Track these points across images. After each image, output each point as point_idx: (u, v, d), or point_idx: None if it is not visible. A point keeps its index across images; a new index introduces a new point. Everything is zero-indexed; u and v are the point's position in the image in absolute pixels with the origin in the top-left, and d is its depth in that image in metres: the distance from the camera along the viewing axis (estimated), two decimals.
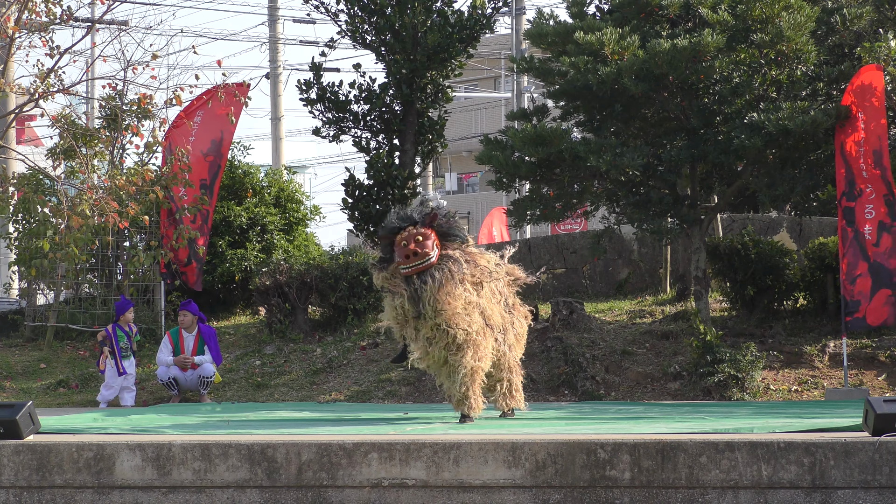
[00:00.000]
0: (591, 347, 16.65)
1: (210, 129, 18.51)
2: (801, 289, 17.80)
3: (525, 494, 9.60)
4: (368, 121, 21.50)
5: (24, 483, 9.97)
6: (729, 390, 15.29)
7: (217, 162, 18.57)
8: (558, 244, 22.03)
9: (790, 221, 20.23)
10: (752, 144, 15.41)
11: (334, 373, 16.98)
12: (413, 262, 11.41)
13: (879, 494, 9.31)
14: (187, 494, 9.87)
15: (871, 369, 16.08)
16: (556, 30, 16.64)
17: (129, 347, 16.09)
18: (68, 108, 17.97)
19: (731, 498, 9.43)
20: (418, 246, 11.41)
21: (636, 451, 9.54)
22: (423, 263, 11.43)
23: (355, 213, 21.26)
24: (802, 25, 15.60)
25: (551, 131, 15.98)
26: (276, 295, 18.29)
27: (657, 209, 16.36)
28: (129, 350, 16.10)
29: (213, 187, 18.50)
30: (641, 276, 21.17)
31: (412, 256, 11.39)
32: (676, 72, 15.58)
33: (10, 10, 15.63)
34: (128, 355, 16.10)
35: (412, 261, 11.41)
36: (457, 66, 21.55)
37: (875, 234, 15.18)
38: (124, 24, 23.75)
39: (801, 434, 10.01)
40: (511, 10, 32.68)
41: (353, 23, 21.32)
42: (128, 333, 16.16)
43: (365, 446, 9.77)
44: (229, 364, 17.51)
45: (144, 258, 18.49)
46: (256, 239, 20.01)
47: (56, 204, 15.75)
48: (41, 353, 18.84)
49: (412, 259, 11.40)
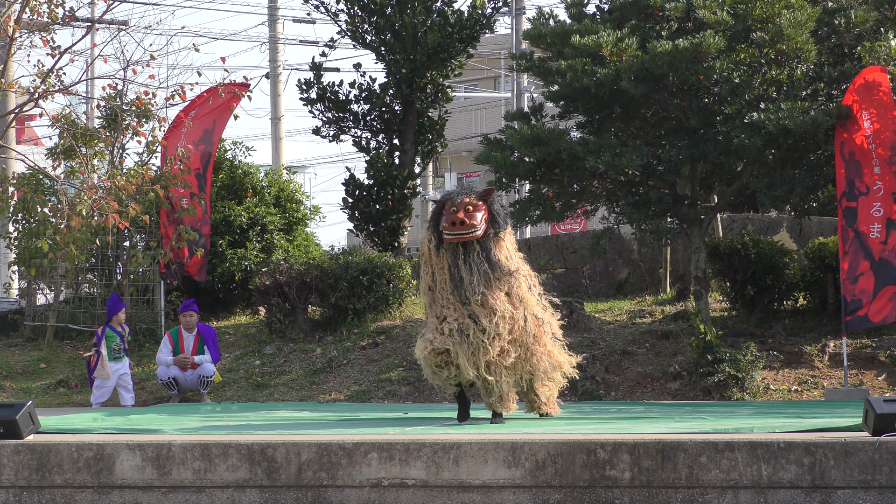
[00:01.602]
0: (591, 347, 16.65)
1: (203, 120, 18.51)
2: (801, 289, 17.80)
3: (525, 494, 9.60)
4: (368, 121, 21.51)
5: (24, 483, 9.97)
6: (729, 390, 15.28)
7: (208, 150, 18.57)
8: (558, 244, 22.03)
9: (790, 221, 20.23)
10: (752, 144, 15.40)
11: (334, 373, 16.98)
12: (459, 230, 11.41)
13: (879, 494, 9.31)
14: (187, 494, 9.88)
15: (871, 369, 16.08)
16: (554, 30, 16.63)
17: (122, 348, 16.05)
18: (68, 108, 17.96)
19: (731, 498, 9.43)
20: (467, 216, 11.40)
21: (636, 450, 9.54)
22: (469, 234, 11.43)
23: (355, 212, 21.27)
24: (803, 24, 15.60)
25: (549, 132, 15.97)
26: (276, 295, 18.28)
27: (657, 209, 16.35)
28: (121, 351, 16.06)
29: (206, 175, 18.52)
30: (641, 275, 21.18)
31: (458, 225, 11.39)
32: (677, 72, 15.57)
33: (10, 10, 15.62)
34: (121, 356, 16.05)
35: (457, 228, 11.41)
36: (457, 66, 21.57)
37: (883, 232, 15.07)
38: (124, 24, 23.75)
39: (801, 434, 10.02)
40: (511, 10, 32.65)
41: (353, 23, 21.34)
42: (120, 334, 16.13)
43: (365, 446, 9.77)
44: (229, 364, 17.51)
45: (143, 258, 18.49)
46: (256, 239, 20.01)
47: (56, 204, 15.75)
48: (41, 352, 18.85)
49: (458, 227, 11.40)
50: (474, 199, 11.54)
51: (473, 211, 11.47)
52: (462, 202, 11.50)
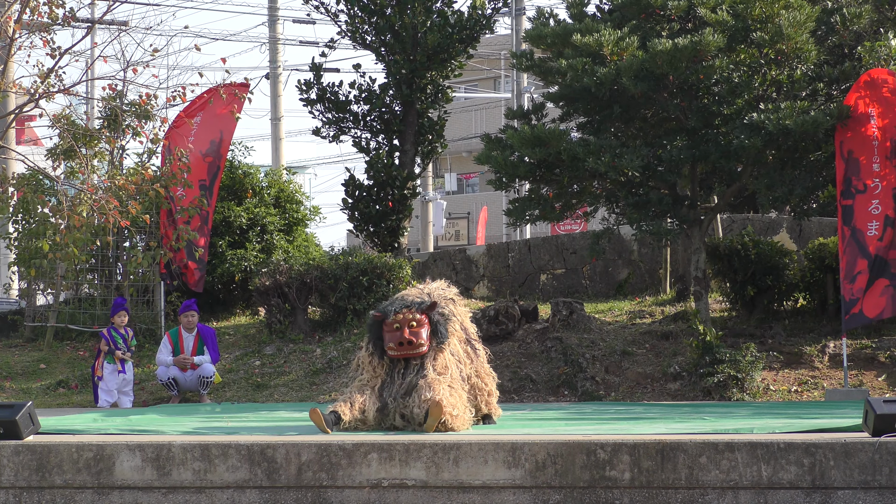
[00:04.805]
0: (591, 348, 16.65)
1: (209, 129, 18.48)
2: (801, 289, 17.81)
3: (525, 495, 9.60)
4: (368, 121, 21.53)
5: (23, 483, 9.96)
6: (729, 391, 15.28)
7: (216, 163, 18.55)
8: (558, 244, 22.03)
9: (790, 222, 20.23)
10: (752, 145, 15.40)
11: (334, 373, 16.98)
12: (406, 350, 11.02)
13: (879, 495, 9.31)
14: (187, 495, 9.87)
15: (871, 369, 16.08)
16: (554, 31, 16.63)
17: (125, 350, 16.04)
18: (68, 108, 17.97)
19: (731, 498, 9.43)
20: (413, 335, 11.00)
21: (636, 451, 9.54)
22: (416, 352, 11.05)
23: (355, 213, 21.28)
24: (802, 24, 15.60)
25: (549, 132, 15.97)
26: (275, 295, 18.29)
27: (657, 210, 16.35)
28: (125, 353, 16.04)
29: (212, 188, 18.48)
30: (641, 276, 21.18)
31: (407, 345, 11.00)
32: (676, 72, 15.57)
33: (10, 10, 15.63)
34: (124, 359, 16.04)
35: (405, 348, 11.01)
36: (457, 66, 21.58)
37: (881, 229, 15.05)
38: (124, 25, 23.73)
39: (800, 434, 10.01)
40: (511, 11, 32.69)
41: (353, 23, 21.35)
42: (123, 336, 16.12)
43: (364, 446, 9.77)
44: (229, 364, 17.51)
45: (143, 258, 18.49)
46: (256, 239, 20.01)
47: (56, 204, 15.75)
48: (41, 353, 18.84)
49: (405, 347, 11.00)
50: (416, 314, 11.12)
51: (418, 327, 11.07)
52: (405, 319, 11.09)
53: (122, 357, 15.86)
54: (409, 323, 11.08)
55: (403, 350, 11.05)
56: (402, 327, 11.06)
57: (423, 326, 11.11)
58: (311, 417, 10.88)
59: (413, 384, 11.01)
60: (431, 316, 11.22)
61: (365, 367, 11.34)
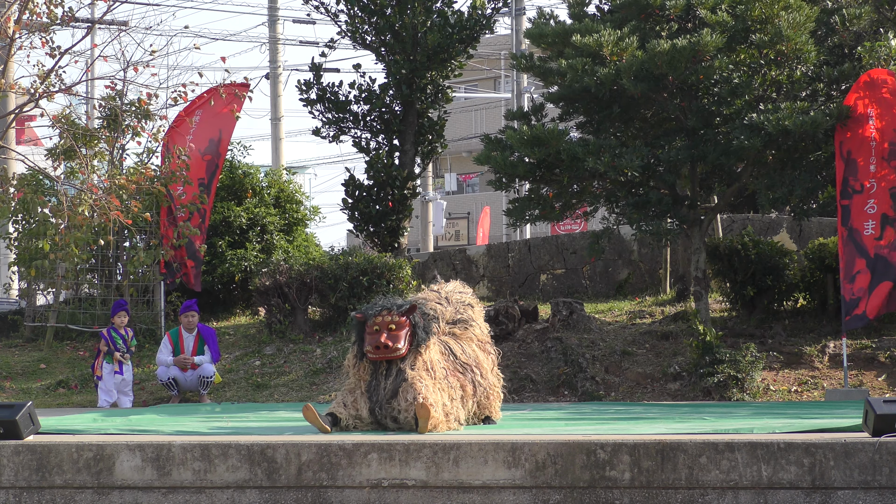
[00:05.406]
0: (591, 348, 16.65)
1: (208, 128, 18.50)
2: (801, 289, 17.81)
3: (525, 495, 9.60)
4: (368, 121, 21.53)
5: (23, 483, 9.96)
6: (729, 391, 15.28)
7: (215, 161, 18.56)
8: (558, 244, 22.04)
9: (790, 222, 20.24)
10: (752, 145, 15.40)
11: (334, 373, 16.98)
12: (383, 353, 11.00)
13: (879, 495, 9.31)
14: (187, 495, 9.87)
15: (871, 370, 16.08)
16: (555, 30, 16.64)
17: (125, 351, 16.04)
18: (68, 108, 17.98)
19: (730, 498, 9.43)
20: (390, 338, 10.97)
21: (636, 451, 9.54)
22: (392, 356, 11.03)
23: (355, 213, 21.29)
24: (802, 25, 15.60)
25: (549, 132, 15.97)
26: (275, 295, 18.29)
27: (657, 210, 16.35)
28: (125, 354, 16.04)
29: (210, 186, 18.50)
30: (641, 276, 21.18)
31: (383, 349, 10.98)
32: (676, 72, 15.57)
33: (10, 10, 15.63)
34: (122, 361, 16.03)
35: (381, 352, 10.99)
36: (457, 66, 21.59)
37: (878, 228, 15.04)
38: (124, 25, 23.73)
39: (800, 434, 10.01)
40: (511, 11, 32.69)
41: (353, 23, 21.36)
42: (123, 337, 16.12)
43: (365, 446, 9.77)
44: (229, 364, 17.51)
45: (145, 257, 18.49)
46: (256, 239, 20.01)
47: (56, 204, 15.75)
48: (41, 353, 18.85)
49: (382, 351, 10.98)
50: (397, 317, 11.07)
51: (397, 330, 11.03)
52: (384, 322, 11.05)
53: (119, 359, 15.86)
54: (388, 326, 11.03)
55: (380, 353, 11.03)
56: (381, 330, 11.03)
57: (402, 329, 11.06)
58: (305, 414, 10.91)
59: (397, 386, 11.04)
60: (412, 318, 11.19)
61: (350, 370, 11.39)
